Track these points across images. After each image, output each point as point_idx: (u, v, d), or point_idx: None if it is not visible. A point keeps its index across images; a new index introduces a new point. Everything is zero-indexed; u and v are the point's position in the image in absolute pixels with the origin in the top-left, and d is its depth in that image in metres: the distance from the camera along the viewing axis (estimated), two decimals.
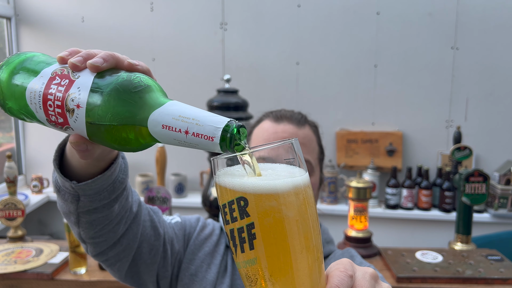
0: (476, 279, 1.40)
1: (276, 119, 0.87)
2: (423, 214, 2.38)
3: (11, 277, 1.42)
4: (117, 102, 0.45)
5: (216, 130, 0.41)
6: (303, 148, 0.83)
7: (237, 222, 0.39)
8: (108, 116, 0.46)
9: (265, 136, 0.84)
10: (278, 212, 0.38)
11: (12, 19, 2.59)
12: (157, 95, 0.48)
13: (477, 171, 1.67)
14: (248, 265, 0.39)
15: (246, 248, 0.38)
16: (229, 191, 0.40)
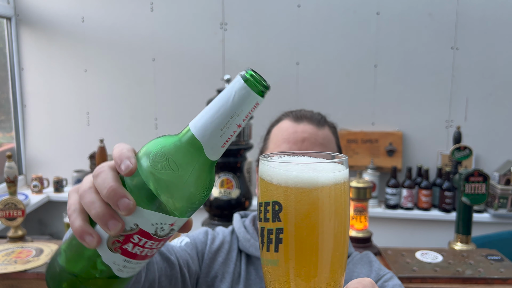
0: (476, 279, 1.40)
1: (296, 119, 0.87)
2: (423, 214, 2.38)
3: (11, 277, 1.42)
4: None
5: (236, 79, 0.40)
6: (323, 148, 0.83)
7: (269, 223, 0.40)
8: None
9: (285, 135, 0.84)
10: (309, 224, 0.39)
11: (12, 19, 2.59)
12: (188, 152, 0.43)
13: (477, 171, 1.67)
14: (270, 264, 0.41)
15: (271, 249, 0.40)
16: (268, 192, 0.41)
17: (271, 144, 0.86)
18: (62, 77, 2.64)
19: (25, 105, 2.69)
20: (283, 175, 0.40)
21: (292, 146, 0.80)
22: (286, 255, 0.39)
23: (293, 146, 0.80)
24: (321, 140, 0.83)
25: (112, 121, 2.66)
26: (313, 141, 0.81)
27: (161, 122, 2.64)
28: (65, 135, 2.69)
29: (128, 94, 2.63)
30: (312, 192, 0.39)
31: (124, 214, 0.40)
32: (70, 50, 2.61)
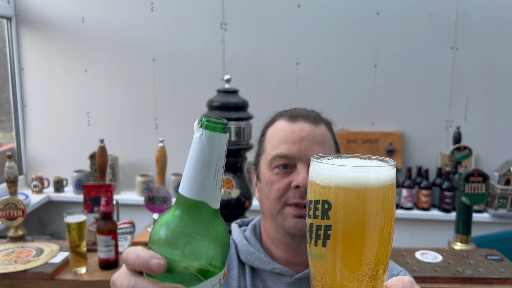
0: (476, 279, 1.40)
1: (292, 118, 0.85)
2: (423, 214, 2.39)
3: (11, 277, 1.43)
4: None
5: (198, 131, 0.43)
6: (321, 146, 0.82)
7: (317, 220, 0.43)
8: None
9: (282, 136, 0.82)
10: (357, 220, 0.42)
11: (12, 19, 2.59)
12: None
13: (477, 171, 1.67)
14: (317, 258, 0.44)
15: (319, 244, 0.43)
16: (318, 191, 0.44)
17: (268, 146, 0.84)
18: (62, 77, 2.65)
19: (25, 105, 2.69)
20: (334, 176, 0.43)
21: (291, 146, 0.80)
22: (333, 251, 0.42)
23: (291, 147, 0.79)
24: (319, 138, 0.82)
25: (112, 121, 2.66)
26: (311, 140, 0.81)
27: (161, 122, 2.64)
28: (65, 135, 2.69)
29: (128, 94, 2.63)
30: (361, 192, 0.42)
31: None
32: (70, 50, 2.61)
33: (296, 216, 0.78)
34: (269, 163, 0.82)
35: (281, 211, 0.79)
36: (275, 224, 0.81)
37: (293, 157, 0.79)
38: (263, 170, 0.84)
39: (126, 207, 2.42)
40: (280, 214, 0.79)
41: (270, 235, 0.84)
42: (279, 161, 0.80)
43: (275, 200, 0.79)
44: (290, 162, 0.80)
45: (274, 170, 0.80)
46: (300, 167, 0.79)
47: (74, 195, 2.58)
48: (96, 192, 1.69)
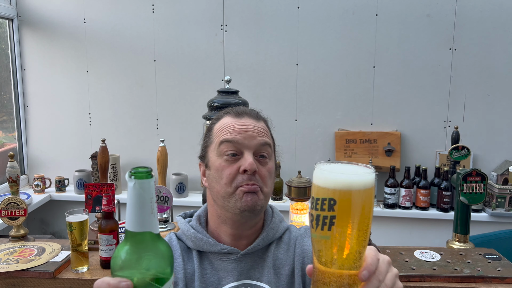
0: (474, 277, 1.40)
1: (237, 115, 0.95)
2: (421, 213, 2.40)
3: (13, 276, 1.43)
4: None
5: (131, 181, 0.55)
6: (264, 135, 0.93)
7: (324, 212, 0.58)
8: None
9: (228, 128, 0.92)
10: (353, 212, 0.58)
11: (14, 20, 2.61)
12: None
13: (475, 171, 1.68)
14: (323, 239, 0.59)
15: (325, 228, 0.58)
16: (325, 190, 0.59)
17: (215, 138, 0.94)
18: (64, 78, 2.66)
19: (27, 106, 2.71)
20: (339, 180, 0.59)
21: (237, 134, 0.90)
22: (336, 232, 0.58)
23: (237, 135, 0.90)
24: (261, 129, 0.93)
25: (113, 122, 2.68)
26: (255, 131, 0.92)
27: (162, 122, 2.65)
28: (67, 135, 2.71)
29: (130, 95, 2.65)
30: (359, 192, 0.58)
31: None
32: (72, 51, 2.63)
33: (245, 192, 0.88)
34: (218, 151, 0.91)
35: (233, 194, 0.89)
36: (227, 205, 0.90)
37: (239, 143, 0.89)
38: (213, 159, 0.93)
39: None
40: (232, 196, 0.89)
41: (220, 216, 0.94)
42: (226, 147, 0.90)
43: (226, 184, 0.89)
44: (237, 150, 0.90)
45: (224, 157, 0.90)
46: (246, 153, 0.89)
47: (76, 195, 2.59)
48: (98, 192, 1.70)
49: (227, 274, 0.92)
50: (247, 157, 0.88)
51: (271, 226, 0.98)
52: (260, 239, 0.95)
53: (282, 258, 0.95)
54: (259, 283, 0.92)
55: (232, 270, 0.92)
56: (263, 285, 0.91)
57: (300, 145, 2.58)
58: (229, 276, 0.91)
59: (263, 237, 0.95)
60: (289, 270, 0.94)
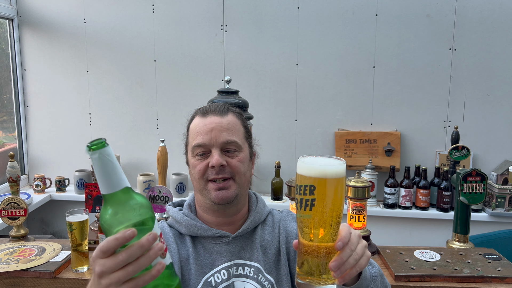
0: (474, 277, 1.41)
1: (203, 114, 1.04)
2: (421, 213, 2.40)
3: (13, 276, 1.44)
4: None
5: (94, 153, 0.65)
6: (228, 132, 1.01)
7: (306, 196, 0.72)
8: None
9: (197, 129, 1.02)
10: (328, 195, 0.72)
11: (14, 20, 2.61)
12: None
13: (475, 171, 1.68)
14: (306, 217, 0.73)
15: (307, 209, 0.72)
16: (305, 178, 0.72)
17: (190, 139, 1.05)
18: (64, 78, 2.66)
19: (28, 106, 2.71)
20: (317, 170, 0.72)
21: (204, 137, 1.00)
22: (316, 212, 0.72)
23: (204, 137, 1.00)
24: (226, 126, 1.01)
25: (113, 122, 2.68)
26: (219, 129, 1.00)
27: (162, 122, 2.66)
28: (67, 135, 2.71)
29: (130, 95, 2.65)
30: (333, 179, 0.72)
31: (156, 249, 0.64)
32: (72, 51, 2.63)
33: (216, 189, 0.98)
34: (191, 152, 1.03)
35: (205, 186, 1.00)
36: (203, 196, 1.01)
37: (207, 144, 1.00)
38: (190, 158, 1.05)
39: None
40: (205, 189, 1.00)
41: (201, 206, 1.05)
42: (197, 150, 1.01)
43: (199, 179, 1.00)
44: (205, 149, 1.00)
45: (196, 157, 1.02)
46: (213, 151, 0.99)
47: (76, 195, 2.59)
48: (98, 192, 1.70)
49: (220, 255, 1.01)
50: (214, 154, 0.98)
51: (257, 210, 1.08)
52: (248, 223, 1.05)
53: (268, 238, 1.06)
54: (250, 262, 1.02)
55: (224, 252, 1.01)
56: (253, 263, 1.01)
57: (300, 145, 2.59)
58: (222, 257, 1.01)
59: (250, 221, 1.05)
60: (275, 249, 1.05)
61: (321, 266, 0.74)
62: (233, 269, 1.00)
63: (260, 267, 1.01)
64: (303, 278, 0.75)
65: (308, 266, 0.74)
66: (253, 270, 1.00)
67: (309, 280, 0.74)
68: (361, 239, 0.78)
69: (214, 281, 0.99)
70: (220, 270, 1.00)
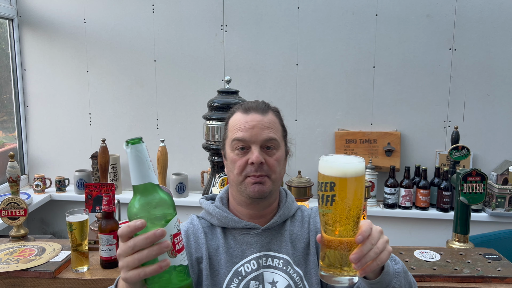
0: (474, 277, 1.41)
1: (245, 110, 1.06)
2: (421, 213, 2.40)
3: (13, 276, 1.44)
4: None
5: (128, 148, 0.71)
6: (269, 130, 1.04)
7: (327, 192, 0.76)
8: None
9: (238, 125, 1.04)
10: (348, 191, 0.76)
11: (14, 20, 2.61)
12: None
13: (475, 171, 1.69)
14: (327, 212, 0.77)
15: (328, 204, 0.76)
16: (326, 176, 0.77)
17: (230, 133, 1.06)
18: (64, 78, 2.66)
19: (28, 106, 2.71)
20: (336, 167, 0.77)
21: (245, 132, 1.03)
22: (336, 207, 0.76)
23: (245, 133, 1.03)
24: (267, 124, 1.04)
25: (113, 121, 2.68)
26: (260, 127, 1.03)
27: (162, 122, 2.66)
28: (67, 135, 2.71)
29: (130, 95, 2.65)
30: (352, 177, 0.76)
31: (164, 243, 0.69)
32: (72, 51, 2.63)
33: (253, 183, 1.02)
34: (231, 146, 1.05)
35: (243, 181, 1.03)
36: (239, 190, 1.05)
37: (247, 140, 1.03)
38: (228, 152, 1.07)
39: (127, 206, 2.44)
40: (242, 184, 1.03)
41: (236, 198, 1.09)
42: (237, 144, 1.03)
43: (237, 174, 1.03)
44: (245, 145, 1.03)
45: (235, 152, 1.04)
46: (253, 148, 1.02)
47: (76, 195, 2.59)
48: (98, 192, 1.71)
49: (249, 246, 1.06)
50: (254, 151, 1.01)
51: (286, 205, 1.11)
52: (277, 217, 1.08)
53: (297, 233, 1.10)
54: (279, 254, 1.05)
55: (254, 243, 1.06)
56: (282, 255, 1.05)
57: (300, 145, 2.59)
58: (251, 248, 1.05)
59: (279, 215, 1.09)
60: (305, 243, 1.08)
61: (342, 258, 0.77)
62: (262, 260, 1.05)
63: (289, 259, 1.05)
64: (326, 270, 0.79)
65: (329, 259, 0.79)
66: (282, 262, 1.04)
67: (332, 271, 0.79)
68: (383, 235, 0.81)
69: (244, 270, 1.03)
70: (250, 261, 1.04)
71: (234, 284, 1.02)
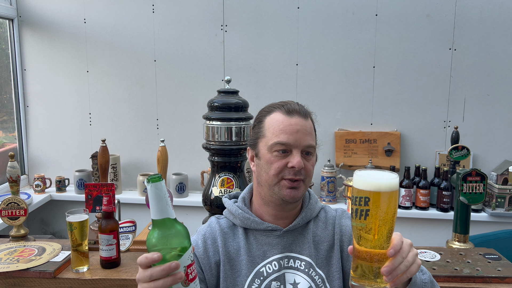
0: (474, 277, 1.41)
1: (288, 112, 1.04)
2: (421, 213, 2.40)
3: (13, 276, 1.44)
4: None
5: (148, 185, 0.76)
6: (310, 136, 1.03)
7: (361, 206, 0.79)
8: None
9: (281, 127, 1.02)
10: (381, 206, 0.78)
11: (14, 21, 2.61)
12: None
13: (475, 171, 1.69)
14: (360, 226, 0.80)
15: (362, 218, 0.79)
16: (361, 191, 0.80)
17: (269, 133, 1.04)
18: (64, 78, 2.66)
19: (28, 106, 2.71)
20: (370, 182, 0.80)
21: (289, 136, 1.01)
22: (370, 221, 0.79)
23: (290, 137, 1.01)
24: (309, 130, 1.04)
25: (114, 121, 2.68)
26: (304, 132, 1.02)
27: (162, 122, 2.66)
28: (67, 135, 2.71)
29: (130, 95, 2.65)
30: (386, 192, 0.79)
31: (178, 275, 0.75)
32: (72, 51, 2.63)
33: (289, 187, 1.02)
34: (270, 147, 1.03)
35: (278, 183, 1.02)
36: (272, 191, 1.04)
37: (291, 144, 1.02)
38: (263, 151, 1.04)
39: (127, 206, 2.44)
40: (277, 185, 1.02)
41: (264, 198, 1.07)
42: (279, 147, 1.02)
43: (273, 175, 1.02)
44: (287, 148, 1.02)
45: (274, 153, 1.02)
46: (295, 152, 1.01)
47: (76, 195, 2.59)
48: (98, 192, 1.71)
49: (271, 248, 1.06)
50: (296, 156, 1.01)
51: (309, 207, 1.11)
52: (300, 218, 1.08)
53: (321, 235, 1.10)
54: (300, 255, 1.05)
55: (276, 245, 1.06)
56: (304, 257, 1.05)
57: None
58: (273, 249, 1.05)
59: (302, 216, 1.08)
60: (328, 246, 1.08)
61: (374, 270, 0.81)
62: (284, 261, 1.05)
63: (311, 261, 1.05)
64: (357, 280, 0.83)
65: (361, 270, 0.82)
66: (304, 263, 1.04)
67: (363, 282, 0.82)
68: (413, 248, 0.83)
69: (266, 271, 1.04)
70: (271, 261, 1.04)
71: (256, 284, 1.03)
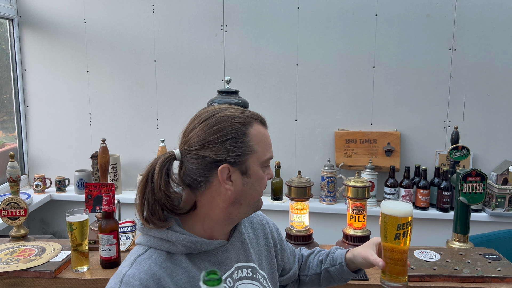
0: (474, 277, 1.41)
1: (263, 124, 0.99)
2: (421, 213, 2.40)
3: (13, 276, 1.44)
4: None
5: (203, 285, 0.62)
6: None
7: (403, 229, 1.03)
8: None
9: (266, 140, 0.96)
10: (406, 232, 1.04)
11: (14, 21, 2.61)
12: None
13: (475, 171, 1.69)
14: (395, 244, 1.04)
15: (401, 237, 1.03)
16: (403, 218, 1.03)
17: (259, 148, 0.93)
18: (64, 78, 2.67)
19: (28, 106, 2.71)
20: (396, 210, 1.04)
21: (271, 151, 0.98)
22: (406, 239, 1.03)
23: (271, 151, 0.98)
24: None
25: (114, 122, 2.68)
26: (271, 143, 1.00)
27: (163, 122, 2.66)
28: (67, 135, 2.71)
29: (130, 95, 2.65)
30: (408, 218, 1.04)
31: None
32: (72, 51, 2.63)
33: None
34: (263, 163, 0.95)
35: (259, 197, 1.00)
36: (250, 208, 0.97)
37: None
38: (255, 168, 0.94)
39: (127, 206, 2.44)
40: (258, 200, 0.98)
41: (232, 218, 0.96)
42: (268, 162, 0.98)
43: (262, 191, 0.98)
44: None
45: (263, 169, 0.96)
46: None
47: (76, 195, 2.60)
48: (98, 192, 1.71)
49: (221, 265, 0.96)
50: (270, 167, 1.00)
51: None
52: (239, 225, 1.04)
53: (252, 236, 1.09)
54: (246, 263, 1.02)
55: (225, 260, 0.97)
56: (250, 264, 1.03)
57: (300, 145, 2.59)
58: (224, 266, 0.97)
59: (239, 223, 1.04)
60: (262, 245, 1.10)
61: (400, 271, 1.06)
62: (234, 274, 0.98)
63: (255, 265, 1.04)
64: (389, 279, 1.07)
65: (390, 273, 1.06)
66: (250, 270, 1.02)
67: (393, 281, 1.07)
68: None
69: None
70: (226, 279, 0.96)
71: None
